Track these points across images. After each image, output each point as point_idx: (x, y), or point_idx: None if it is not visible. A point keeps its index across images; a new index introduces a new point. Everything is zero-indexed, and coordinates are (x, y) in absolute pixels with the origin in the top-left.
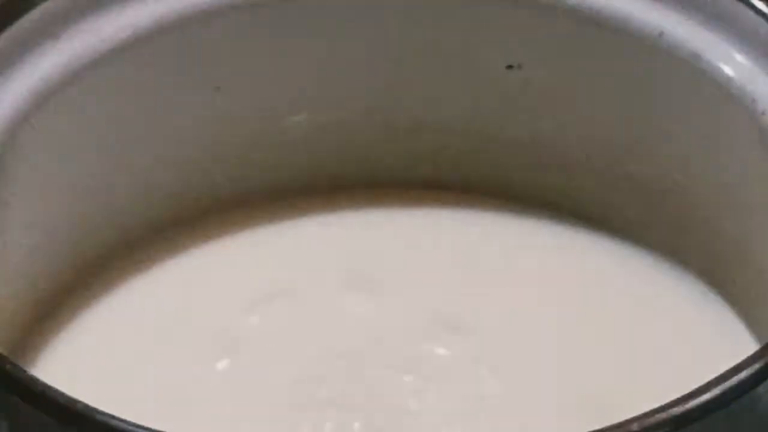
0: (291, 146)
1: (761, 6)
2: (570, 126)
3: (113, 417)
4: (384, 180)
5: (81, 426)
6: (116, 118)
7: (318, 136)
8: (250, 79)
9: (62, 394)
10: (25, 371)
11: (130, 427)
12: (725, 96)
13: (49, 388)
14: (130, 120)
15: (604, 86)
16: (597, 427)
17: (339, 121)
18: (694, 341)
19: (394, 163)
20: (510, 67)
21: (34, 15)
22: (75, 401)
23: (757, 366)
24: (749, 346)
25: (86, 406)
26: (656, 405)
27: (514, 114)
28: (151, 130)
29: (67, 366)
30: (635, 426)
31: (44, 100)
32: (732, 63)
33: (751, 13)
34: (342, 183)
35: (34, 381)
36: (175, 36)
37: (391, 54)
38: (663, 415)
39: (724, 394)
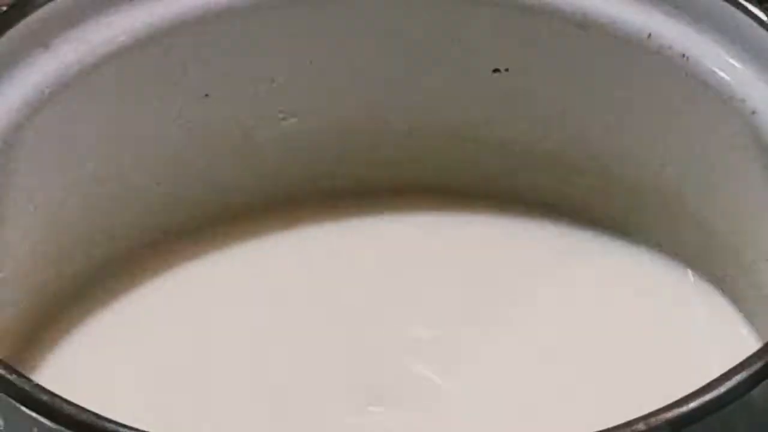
0: (280, 151)
1: (750, 7)
2: (559, 128)
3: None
4: (374, 185)
5: None
6: (107, 129)
7: (307, 141)
8: (237, 85)
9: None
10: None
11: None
12: (715, 96)
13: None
14: (121, 130)
15: (592, 88)
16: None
17: (329, 126)
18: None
19: (385, 168)
20: (497, 70)
21: (24, 24)
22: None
23: (753, 368)
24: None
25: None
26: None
27: (503, 117)
28: (141, 138)
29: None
30: (641, 425)
31: (35, 110)
32: (722, 64)
33: (740, 13)
34: (332, 189)
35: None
36: (163, 44)
37: (380, 59)
38: (668, 415)
39: (721, 396)
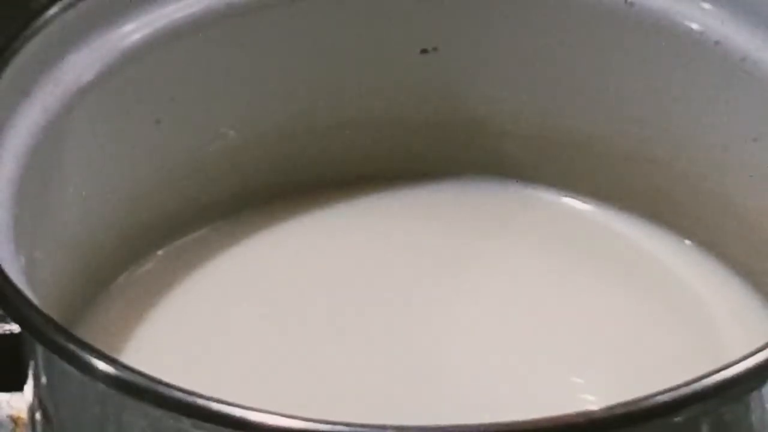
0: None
1: None
2: (499, 102)
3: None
4: (320, 180)
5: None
6: (79, 165)
7: (251, 148)
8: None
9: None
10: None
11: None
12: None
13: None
14: (91, 164)
15: (525, 59)
16: None
17: (272, 131)
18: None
19: (327, 163)
20: (425, 51)
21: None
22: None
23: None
24: None
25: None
26: None
27: (439, 97)
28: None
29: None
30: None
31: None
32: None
33: None
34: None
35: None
36: (119, 77)
37: (308, 55)
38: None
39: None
